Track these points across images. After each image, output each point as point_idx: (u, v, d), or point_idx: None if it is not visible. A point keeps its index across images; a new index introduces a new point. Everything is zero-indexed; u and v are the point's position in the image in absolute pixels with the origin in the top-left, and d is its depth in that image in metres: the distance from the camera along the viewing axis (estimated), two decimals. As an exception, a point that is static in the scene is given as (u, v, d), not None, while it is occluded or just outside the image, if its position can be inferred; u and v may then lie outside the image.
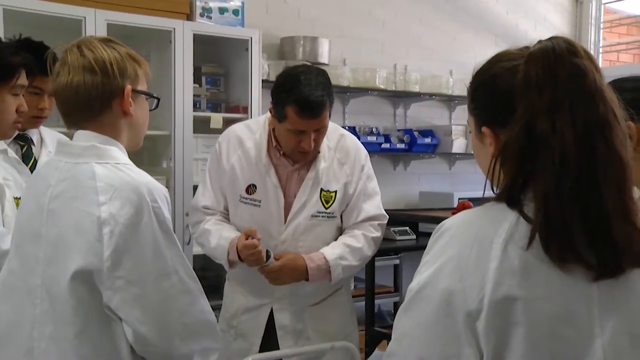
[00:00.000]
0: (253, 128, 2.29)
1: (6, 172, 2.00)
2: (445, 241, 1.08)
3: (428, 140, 4.74)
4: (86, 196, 1.39)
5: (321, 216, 2.23)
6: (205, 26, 3.50)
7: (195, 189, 2.41)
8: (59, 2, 3.02)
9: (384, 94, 4.67)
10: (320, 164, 2.22)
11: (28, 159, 2.13)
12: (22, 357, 1.44)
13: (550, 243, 0.99)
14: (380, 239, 2.32)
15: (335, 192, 2.24)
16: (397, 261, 4.33)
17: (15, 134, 2.06)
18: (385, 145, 4.54)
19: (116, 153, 1.46)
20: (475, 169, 1.36)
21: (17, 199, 1.94)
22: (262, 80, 3.69)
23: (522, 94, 1.03)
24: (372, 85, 4.46)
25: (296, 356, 2.17)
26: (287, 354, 2.17)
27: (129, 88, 1.46)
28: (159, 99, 1.61)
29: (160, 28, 3.34)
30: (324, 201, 2.23)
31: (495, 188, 1.10)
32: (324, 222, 2.24)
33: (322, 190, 2.22)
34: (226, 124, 3.32)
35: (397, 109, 4.89)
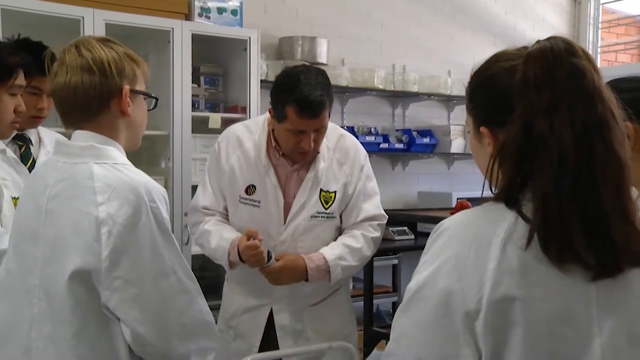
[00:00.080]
0: (252, 128, 2.28)
1: (4, 172, 2.00)
2: (444, 241, 1.08)
3: (426, 140, 4.75)
4: (84, 196, 1.38)
5: (321, 216, 2.22)
6: (203, 26, 3.50)
7: (194, 189, 2.40)
8: (57, 2, 3.02)
9: (382, 94, 4.67)
10: (319, 164, 2.22)
11: (26, 159, 2.13)
12: (20, 357, 1.44)
13: (549, 243, 0.99)
14: (380, 239, 2.31)
15: (335, 193, 2.23)
16: (396, 261, 4.33)
17: (14, 134, 2.07)
18: (384, 145, 4.54)
19: (114, 153, 1.46)
20: (474, 169, 1.36)
21: (15, 198, 1.93)
22: (261, 80, 3.70)
23: (521, 94, 1.03)
24: (371, 85, 4.46)
25: (295, 356, 2.17)
26: (287, 354, 2.17)
27: (127, 88, 1.46)
28: (157, 99, 1.61)
29: (158, 28, 3.33)
30: (323, 201, 2.22)
31: (493, 188, 1.10)
32: (324, 223, 2.23)
33: (322, 190, 2.22)
34: (225, 124, 3.33)
35: (396, 109, 4.89)
